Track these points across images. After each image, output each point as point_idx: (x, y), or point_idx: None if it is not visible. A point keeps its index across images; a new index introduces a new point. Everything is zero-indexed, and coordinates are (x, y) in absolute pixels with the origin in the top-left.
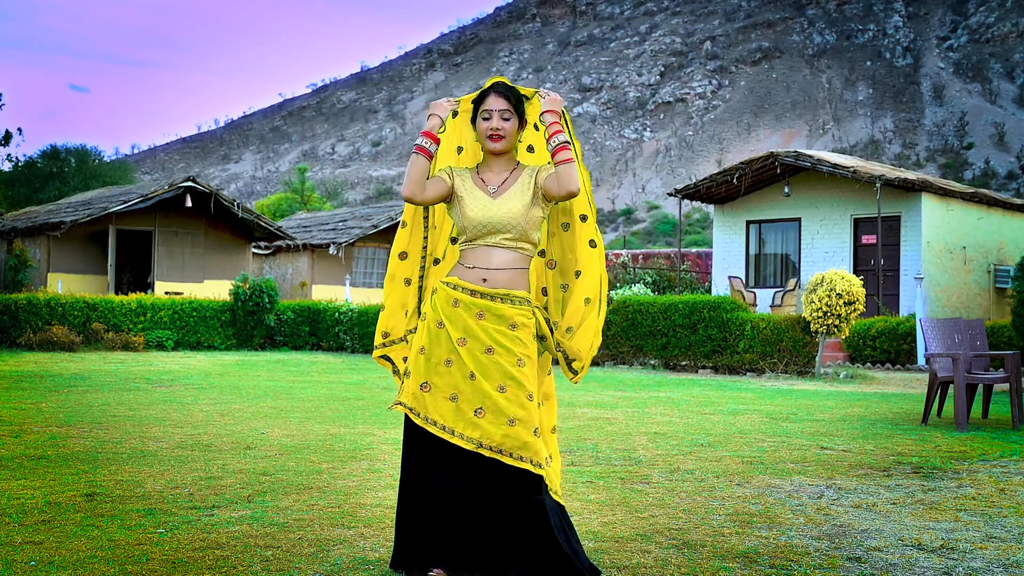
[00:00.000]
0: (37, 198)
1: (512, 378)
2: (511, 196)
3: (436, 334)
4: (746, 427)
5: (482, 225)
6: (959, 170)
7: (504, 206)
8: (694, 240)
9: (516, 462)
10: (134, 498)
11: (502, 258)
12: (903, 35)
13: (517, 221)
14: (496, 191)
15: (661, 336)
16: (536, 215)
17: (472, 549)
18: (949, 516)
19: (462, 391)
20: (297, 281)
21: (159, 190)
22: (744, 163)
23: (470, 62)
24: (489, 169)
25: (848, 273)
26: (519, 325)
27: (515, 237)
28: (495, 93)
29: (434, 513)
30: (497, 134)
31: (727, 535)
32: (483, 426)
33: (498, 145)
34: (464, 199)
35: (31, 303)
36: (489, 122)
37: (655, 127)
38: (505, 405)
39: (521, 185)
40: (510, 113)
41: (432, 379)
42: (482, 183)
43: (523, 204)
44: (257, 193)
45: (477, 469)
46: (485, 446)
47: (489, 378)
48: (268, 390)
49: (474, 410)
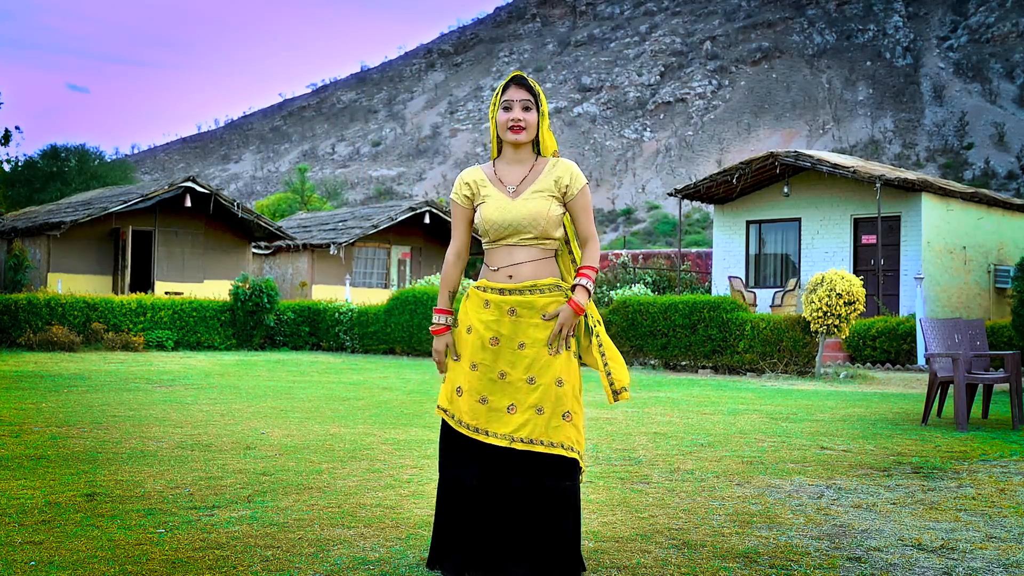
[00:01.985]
0: (37, 198)
1: (542, 368)
2: (532, 195)
3: (464, 340)
4: (746, 427)
5: (502, 227)
6: (959, 170)
7: (524, 206)
8: (694, 240)
9: (548, 449)
10: (134, 498)
11: (524, 254)
12: (903, 35)
13: (537, 221)
14: (515, 190)
15: (661, 336)
16: (556, 213)
17: (506, 547)
18: (949, 516)
19: (492, 392)
20: (297, 281)
21: (159, 190)
22: (744, 163)
23: (470, 62)
24: (507, 165)
25: (848, 273)
26: (551, 314)
27: (536, 236)
28: (515, 84)
29: (470, 513)
30: (518, 125)
31: (727, 535)
32: (515, 421)
33: (519, 136)
34: (485, 202)
35: (31, 303)
36: (510, 112)
37: (655, 127)
38: (535, 396)
39: (541, 182)
40: (531, 104)
41: (463, 383)
42: (500, 183)
43: (543, 202)
44: (257, 193)
45: (511, 465)
46: (517, 439)
47: (520, 372)
48: (268, 390)
49: (506, 407)
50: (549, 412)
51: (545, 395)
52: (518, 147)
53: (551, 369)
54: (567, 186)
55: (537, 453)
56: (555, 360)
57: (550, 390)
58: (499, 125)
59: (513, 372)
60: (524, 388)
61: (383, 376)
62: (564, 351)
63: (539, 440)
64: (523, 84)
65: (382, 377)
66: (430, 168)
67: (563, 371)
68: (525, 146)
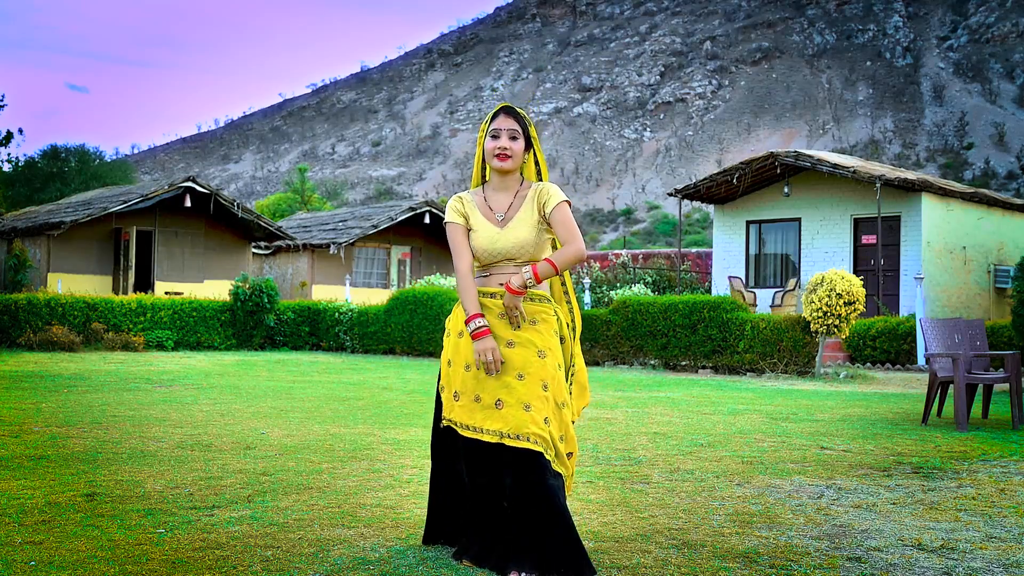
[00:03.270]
0: (38, 198)
1: (530, 367)
2: (518, 223)
3: (456, 344)
4: (746, 427)
5: (492, 254)
6: (959, 170)
7: (512, 235)
8: (694, 240)
9: (524, 443)
10: (134, 498)
11: (515, 270)
12: (903, 35)
13: (524, 248)
14: (503, 218)
15: (661, 336)
16: (545, 238)
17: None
18: (949, 516)
19: (483, 390)
20: (297, 281)
21: (159, 190)
22: (744, 163)
23: (470, 62)
24: (495, 192)
25: (848, 273)
26: (540, 320)
27: (523, 260)
28: (504, 113)
29: (462, 505)
30: (504, 153)
31: (727, 535)
32: (503, 416)
33: (505, 164)
34: (475, 230)
35: (31, 303)
36: (497, 141)
37: (655, 127)
38: (523, 392)
39: (526, 209)
40: (518, 133)
41: (458, 387)
42: (489, 211)
43: (531, 230)
44: (257, 193)
45: (502, 461)
46: (506, 434)
47: (507, 370)
48: (268, 390)
49: (495, 402)
50: (535, 412)
51: (532, 395)
52: (504, 174)
53: (538, 371)
54: (544, 203)
55: (521, 450)
56: (543, 363)
57: (536, 391)
58: (487, 152)
59: (502, 369)
60: (512, 383)
61: (383, 376)
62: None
63: (526, 436)
64: (511, 113)
65: (382, 377)
66: (430, 168)
67: (549, 377)
68: (512, 173)
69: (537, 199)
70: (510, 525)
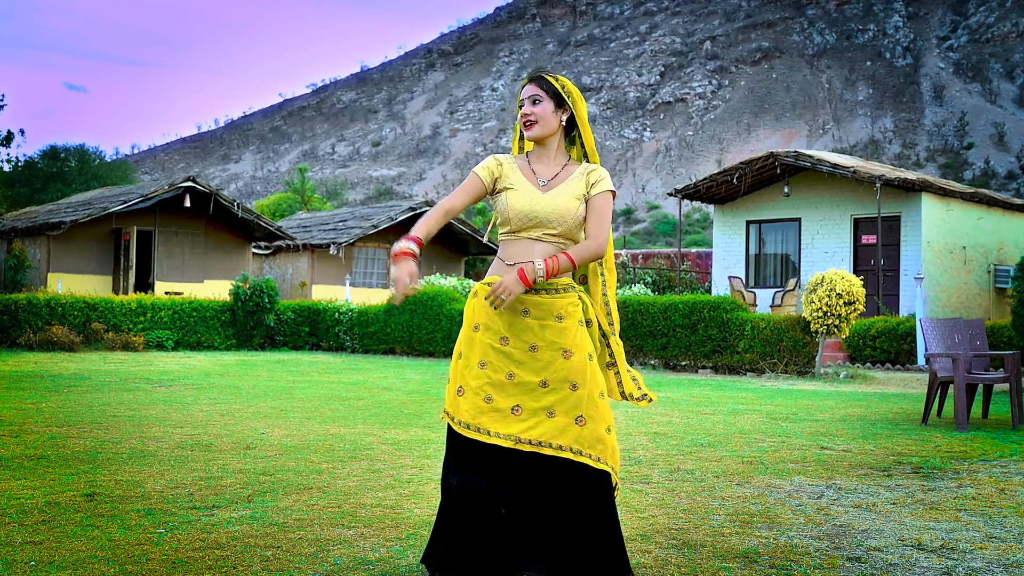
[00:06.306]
0: (38, 198)
1: (555, 371)
2: (561, 191)
3: (471, 338)
4: (746, 427)
5: (527, 217)
6: (959, 170)
7: (553, 201)
8: (694, 240)
9: (556, 452)
10: (134, 498)
11: (543, 250)
12: (903, 35)
13: (564, 217)
14: (546, 184)
15: (661, 336)
16: (583, 213)
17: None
18: (949, 516)
19: (498, 392)
20: (297, 281)
21: (159, 190)
22: (744, 163)
23: (470, 62)
24: (539, 161)
25: (848, 273)
26: (566, 315)
27: (559, 233)
28: (528, 81)
29: (474, 514)
30: (528, 119)
31: (727, 535)
32: (521, 422)
33: (531, 131)
34: (512, 188)
35: (31, 303)
36: (522, 110)
37: (655, 127)
38: (545, 399)
39: (574, 182)
40: (540, 96)
41: (467, 382)
42: (532, 175)
43: (572, 201)
44: (257, 193)
45: (518, 467)
46: (523, 440)
47: (530, 375)
48: (268, 390)
49: (511, 408)
50: (559, 417)
51: (558, 399)
52: (539, 143)
53: (565, 372)
54: (595, 183)
55: (554, 459)
56: (570, 363)
57: (563, 394)
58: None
59: (522, 374)
60: (536, 392)
61: (383, 376)
62: (578, 354)
63: (547, 443)
64: (534, 79)
65: (382, 377)
66: (430, 168)
67: (578, 375)
68: (550, 143)
69: (588, 176)
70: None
